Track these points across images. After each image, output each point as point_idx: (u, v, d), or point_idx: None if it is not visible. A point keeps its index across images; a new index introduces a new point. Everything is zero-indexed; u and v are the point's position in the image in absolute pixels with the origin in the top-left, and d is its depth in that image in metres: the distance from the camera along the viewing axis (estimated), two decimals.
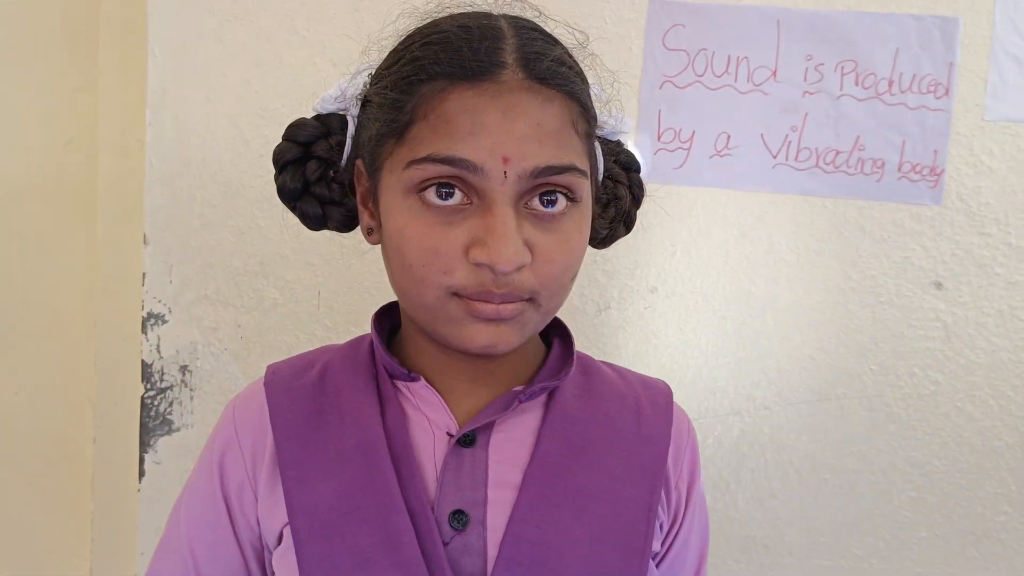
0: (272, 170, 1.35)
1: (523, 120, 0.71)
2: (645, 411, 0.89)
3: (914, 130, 1.34)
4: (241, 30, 1.37)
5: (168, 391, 1.41)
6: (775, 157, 1.36)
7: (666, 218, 1.37)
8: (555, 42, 0.79)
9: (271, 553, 0.84)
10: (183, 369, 1.41)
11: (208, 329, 1.41)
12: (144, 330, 1.40)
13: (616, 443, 0.85)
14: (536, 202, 0.74)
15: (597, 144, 0.85)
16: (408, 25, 0.80)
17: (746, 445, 1.39)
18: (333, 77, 1.36)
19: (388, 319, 0.91)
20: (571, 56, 0.80)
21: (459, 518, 0.78)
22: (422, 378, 0.84)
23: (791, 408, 1.39)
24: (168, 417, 1.42)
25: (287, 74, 1.37)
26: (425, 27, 0.78)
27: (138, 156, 1.41)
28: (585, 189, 0.77)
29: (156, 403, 1.41)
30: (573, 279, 0.79)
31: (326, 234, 1.36)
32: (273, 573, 0.83)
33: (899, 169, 1.35)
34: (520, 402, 0.83)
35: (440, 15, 0.80)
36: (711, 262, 1.38)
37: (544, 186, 0.74)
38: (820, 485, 1.40)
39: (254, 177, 1.39)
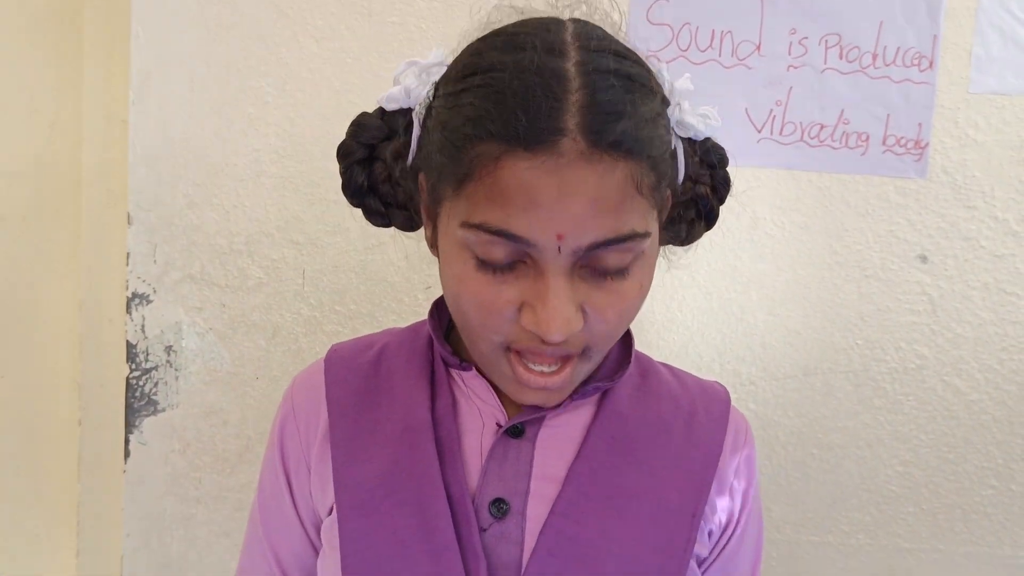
0: (257, 149, 1.41)
1: (579, 197, 0.68)
2: (699, 416, 0.90)
3: (899, 103, 1.37)
4: (224, 10, 1.39)
5: (153, 371, 1.45)
6: (760, 132, 1.39)
7: None
8: (637, 85, 0.72)
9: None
10: (168, 349, 1.45)
11: (193, 309, 1.44)
12: (129, 310, 1.43)
13: (666, 447, 0.87)
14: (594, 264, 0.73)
15: (679, 147, 0.80)
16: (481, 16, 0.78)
17: None
18: (316, 55, 1.40)
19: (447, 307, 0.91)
20: (652, 100, 0.73)
21: (499, 506, 0.81)
22: (474, 368, 0.85)
23: (777, 383, 1.42)
24: (153, 397, 1.45)
25: (270, 53, 1.39)
26: (485, 58, 0.73)
27: (122, 137, 1.44)
28: (647, 241, 0.74)
29: (141, 383, 1.45)
30: (629, 324, 0.80)
31: (310, 212, 1.41)
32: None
33: (884, 143, 1.38)
34: (572, 399, 0.84)
35: (502, 19, 0.78)
36: None
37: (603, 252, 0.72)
38: (807, 460, 1.43)
39: (238, 156, 1.41)
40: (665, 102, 0.77)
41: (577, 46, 0.71)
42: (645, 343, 1.41)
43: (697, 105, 1.30)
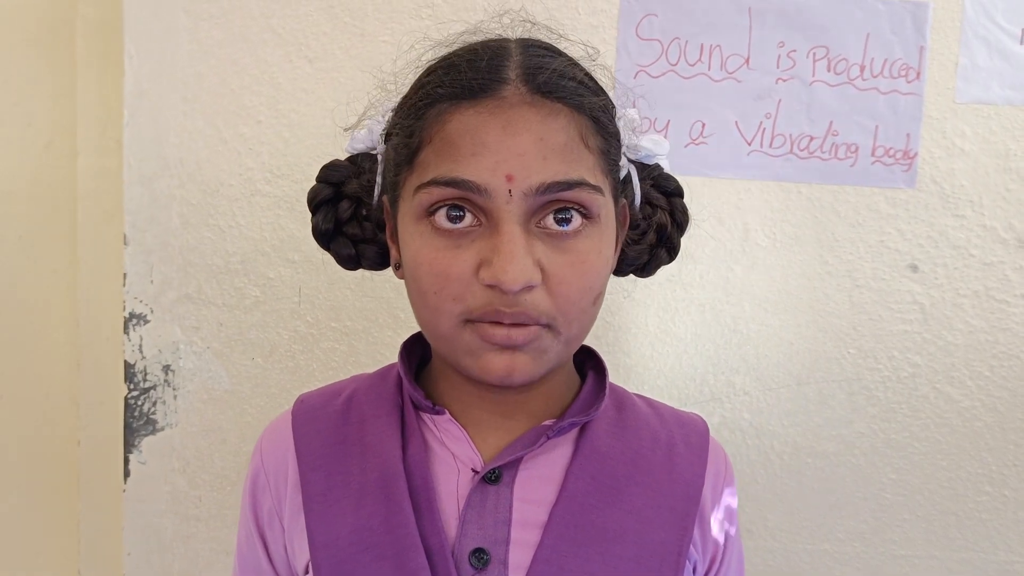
0: (251, 168, 1.46)
1: (524, 135, 0.73)
2: (679, 450, 0.90)
3: (886, 114, 1.44)
4: (216, 29, 1.45)
5: (151, 391, 1.50)
6: (749, 144, 1.45)
7: None
8: (570, 60, 0.81)
9: None
10: (166, 369, 1.50)
11: (190, 328, 1.49)
12: (126, 330, 1.49)
13: (647, 484, 0.87)
14: (549, 220, 0.76)
15: (632, 168, 0.87)
16: (431, 57, 0.85)
17: (727, 431, 1.48)
18: (310, 74, 1.45)
19: (418, 348, 0.93)
20: (586, 73, 0.82)
21: (480, 557, 0.80)
22: (447, 412, 0.87)
23: (771, 393, 1.48)
24: (152, 417, 1.51)
25: (263, 72, 1.45)
26: (439, 57, 0.82)
27: (117, 157, 1.49)
28: (603, 207, 0.78)
29: (140, 403, 1.50)
30: (595, 302, 0.80)
31: (305, 231, 1.46)
32: None
33: (872, 153, 1.44)
34: (548, 438, 0.85)
35: (457, 44, 0.84)
36: (688, 250, 1.45)
37: (555, 203, 0.75)
38: (801, 469, 1.49)
39: (233, 176, 1.47)
40: (609, 100, 0.83)
41: (520, 44, 0.81)
42: (638, 355, 1.47)
43: (687, 120, 1.37)
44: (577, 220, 0.77)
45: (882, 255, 1.45)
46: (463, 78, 0.76)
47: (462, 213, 0.76)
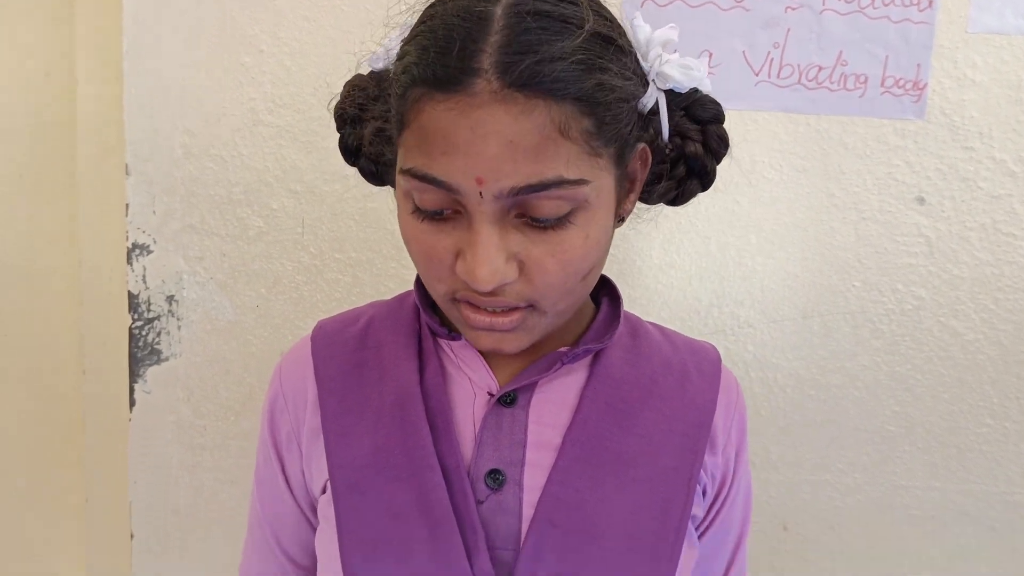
0: (253, 98, 1.45)
1: (493, 139, 0.69)
2: (691, 377, 0.92)
3: (897, 44, 1.42)
4: None
5: (155, 321, 1.51)
6: (757, 75, 1.44)
7: None
8: (561, 25, 0.72)
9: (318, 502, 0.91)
10: (169, 299, 1.51)
11: (193, 258, 1.50)
12: (129, 261, 1.49)
13: (659, 409, 0.89)
14: (527, 216, 0.74)
15: (661, 97, 0.82)
16: None
17: (731, 364, 1.48)
18: (312, 2, 1.43)
19: None
20: (589, 35, 0.72)
21: (495, 477, 0.83)
22: (463, 337, 0.87)
23: (775, 326, 1.49)
24: (156, 347, 1.52)
25: (264, 0, 1.44)
26: (428, 9, 0.77)
27: (117, 87, 1.48)
28: (589, 192, 0.74)
29: (144, 333, 1.51)
30: (586, 279, 0.79)
31: (307, 161, 1.46)
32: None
33: (882, 84, 1.43)
34: (563, 363, 0.86)
35: None
36: None
37: (533, 199, 0.72)
38: (804, 401, 1.50)
39: (235, 105, 1.46)
40: (621, 49, 0.77)
41: (508, 8, 0.72)
42: (643, 287, 1.47)
43: (694, 50, 1.34)
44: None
45: (889, 187, 1.45)
46: (435, 64, 0.71)
47: (441, 213, 0.75)
